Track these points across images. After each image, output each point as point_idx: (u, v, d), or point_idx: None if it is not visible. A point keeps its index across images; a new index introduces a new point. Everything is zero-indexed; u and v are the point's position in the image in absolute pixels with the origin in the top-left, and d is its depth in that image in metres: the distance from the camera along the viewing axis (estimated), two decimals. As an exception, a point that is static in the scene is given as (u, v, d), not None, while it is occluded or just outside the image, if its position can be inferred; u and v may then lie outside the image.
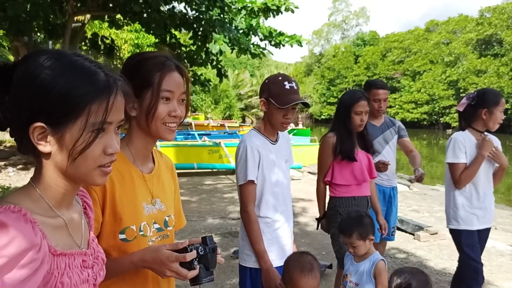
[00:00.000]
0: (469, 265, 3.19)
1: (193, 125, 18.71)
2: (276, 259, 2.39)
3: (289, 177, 2.56)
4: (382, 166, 3.55)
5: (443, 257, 5.12)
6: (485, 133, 3.26)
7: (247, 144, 2.35)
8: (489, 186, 3.31)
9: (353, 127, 3.13)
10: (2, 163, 11.45)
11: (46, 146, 0.93)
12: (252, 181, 2.33)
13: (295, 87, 2.34)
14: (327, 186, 3.23)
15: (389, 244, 4.66)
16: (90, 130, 0.93)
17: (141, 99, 1.38)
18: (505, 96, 38.03)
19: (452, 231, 3.33)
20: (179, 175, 10.87)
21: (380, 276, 2.42)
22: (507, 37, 38.60)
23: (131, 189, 1.39)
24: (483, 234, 3.32)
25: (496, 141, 3.27)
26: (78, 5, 11.22)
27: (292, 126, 20.97)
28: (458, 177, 3.19)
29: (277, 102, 2.31)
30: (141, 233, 1.38)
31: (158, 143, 10.75)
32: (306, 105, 2.43)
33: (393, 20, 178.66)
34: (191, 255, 1.28)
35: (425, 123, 44.90)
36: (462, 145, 3.19)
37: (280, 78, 2.38)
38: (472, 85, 40.37)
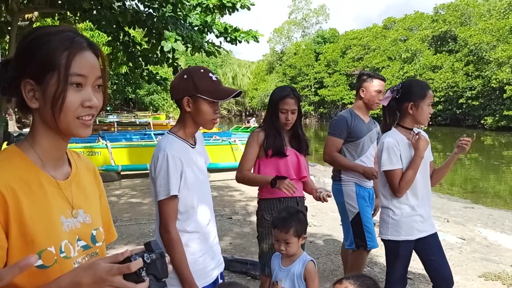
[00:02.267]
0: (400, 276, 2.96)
1: (151, 124, 18.34)
2: (215, 270, 2.21)
3: (208, 179, 2.35)
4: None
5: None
6: (415, 129, 2.98)
7: (167, 152, 2.06)
8: (427, 188, 3.00)
9: (280, 125, 3.01)
10: None
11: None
12: (175, 196, 2.05)
13: (217, 79, 2.17)
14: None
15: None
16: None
17: (45, 86, 1.07)
18: (460, 90, 39.37)
19: (388, 242, 2.95)
20: (133, 176, 10.68)
21: (311, 278, 2.31)
22: (461, 33, 39.85)
23: (43, 201, 1.10)
24: (428, 241, 2.94)
25: (425, 136, 3.00)
26: (24, 2, 10.74)
27: (254, 122, 20.95)
28: (397, 185, 2.84)
29: (212, 96, 2.07)
30: (62, 255, 1.10)
31: (109, 144, 10.44)
32: (239, 95, 2.20)
33: (352, 18, 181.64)
34: (136, 264, 0.98)
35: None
36: (396, 148, 2.85)
37: (202, 70, 2.14)
38: (429, 80, 41.48)
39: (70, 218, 1.15)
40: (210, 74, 2.12)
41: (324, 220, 6.70)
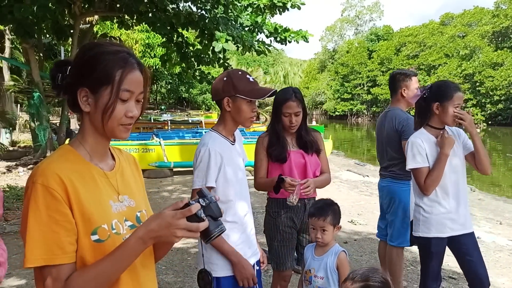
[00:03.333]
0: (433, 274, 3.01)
1: (203, 123, 18.78)
2: (252, 258, 2.38)
3: (245, 175, 2.52)
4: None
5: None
6: (446, 128, 3.00)
7: (209, 147, 2.25)
8: (459, 186, 2.98)
9: (283, 128, 3.03)
10: (14, 163, 11.68)
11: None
12: (211, 188, 2.23)
13: (254, 80, 2.34)
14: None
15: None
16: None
17: (98, 95, 1.30)
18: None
19: (420, 239, 3.04)
20: (184, 173, 11.03)
21: (343, 268, 2.42)
22: (524, 28, 37.92)
23: (94, 188, 1.32)
24: (464, 240, 2.96)
25: (458, 132, 3.04)
26: (86, 6, 11.36)
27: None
28: (423, 183, 2.91)
29: (249, 96, 2.27)
30: (114, 231, 1.30)
31: (162, 142, 10.86)
32: (274, 94, 2.35)
33: (408, 14, 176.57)
34: (196, 206, 1.22)
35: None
36: (421, 148, 2.93)
37: (240, 73, 2.33)
38: (489, 78, 39.76)
39: (117, 203, 1.37)
40: (248, 76, 2.32)
41: (369, 219, 6.70)
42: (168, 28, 11.20)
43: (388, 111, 3.97)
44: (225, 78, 2.32)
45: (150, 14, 10.54)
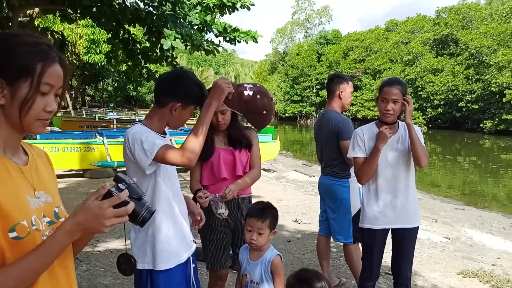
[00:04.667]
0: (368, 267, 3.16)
1: (137, 121, 18.54)
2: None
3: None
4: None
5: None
6: (400, 123, 3.10)
7: (140, 129, 2.24)
8: (406, 180, 3.06)
9: (211, 127, 2.93)
10: None
11: None
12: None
13: None
14: None
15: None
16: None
17: (16, 87, 1.23)
18: (460, 94, 39.41)
19: (360, 231, 3.23)
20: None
21: (278, 273, 2.40)
22: (462, 37, 39.92)
23: (10, 182, 1.26)
24: (405, 235, 3.07)
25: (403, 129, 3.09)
26: (26, -2, 10.86)
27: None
28: (356, 171, 3.06)
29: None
30: (34, 227, 1.25)
31: (105, 140, 10.56)
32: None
33: (356, 19, 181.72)
34: (125, 193, 1.23)
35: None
36: (360, 139, 3.06)
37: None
38: (429, 83, 41.57)
39: (34, 198, 1.31)
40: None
41: (313, 218, 6.81)
42: (114, 24, 10.87)
43: (324, 113, 4.10)
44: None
45: (94, 9, 10.20)
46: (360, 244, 3.92)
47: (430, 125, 42.92)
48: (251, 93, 2.63)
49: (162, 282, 2.25)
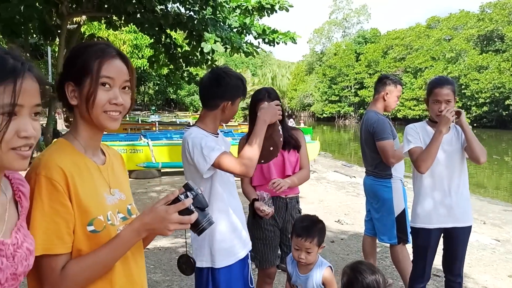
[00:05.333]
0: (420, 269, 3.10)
1: (191, 124, 18.83)
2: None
3: None
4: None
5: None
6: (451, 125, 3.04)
7: (197, 134, 2.32)
8: (459, 179, 3.01)
9: None
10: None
11: None
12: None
13: None
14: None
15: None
16: (0, 113, 0.98)
17: (81, 87, 1.35)
18: (507, 92, 37.96)
19: (411, 230, 3.15)
20: (172, 173, 11.03)
21: (329, 285, 2.41)
22: (509, 32, 38.53)
23: (90, 180, 1.37)
24: (458, 234, 3.02)
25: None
26: (73, 6, 11.30)
27: (292, 123, 21.14)
28: (415, 160, 2.92)
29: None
30: (109, 222, 1.35)
31: (150, 142, 10.84)
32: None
33: (395, 17, 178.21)
34: (189, 200, 1.32)
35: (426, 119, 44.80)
36: (413, 131, 3.02)
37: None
38: (474, 81, 40.30)
39: (109, 196, 1.42)
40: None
41: (356, 219, 6.78)
42: (156, 29, 11.18)
43: (365, 113, 4.12)
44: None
45: (138, 15, 10.51)
46: (405, 245, 3.90)
47: (475, 124, 41.57)
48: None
49: (223, 278, 2.34)
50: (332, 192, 9.32)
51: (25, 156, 1.09)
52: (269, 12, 12.63)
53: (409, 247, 3.43)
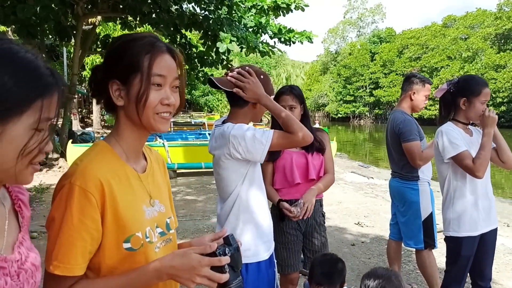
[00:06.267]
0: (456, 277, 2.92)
1: (206, 124, 18.76)
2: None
3: None
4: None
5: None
6: (470, 127, 2.95)
7: (234, 128, 2.17)
8: (489, 183, 2.92)
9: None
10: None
11: None
12: None
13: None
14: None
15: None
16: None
17: (129, 85, 1.21)
18: (525, 91, 37.28)
19: (450, 239, 2.91)
20: (189, 174, 10.97)
21: None
22: (527, 31, 37.85)
23: (130, 191, 1.23)
24: (490, 237, 2.91)
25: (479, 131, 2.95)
26: (89, 7, 11.33)
27: (315, 124, 20.97)
28: (472, 164, 2.69)
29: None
30: (147, 239, 1.23)
31: (166, 143, 10.80)
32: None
33: (410, 17, 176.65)
34: (226, 259, 1.17)
35: (442, 120, 44.19)
36: (455, 133, 2.81)
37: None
38: (491, 80, 39.62)
39: (149, 207, 1.28)
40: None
41: (376, 221, 6.62)
42: (172, 29, 11.15)
43: (391, 113, 3.95)
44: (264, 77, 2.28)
45: (153, 15, 10.48)
46: (432, 250, 3.75)
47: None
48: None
49: (250, 275, 2.23)
50: (350, 194, 9.15)
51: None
52: (284, 11, 12.53)
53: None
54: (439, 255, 4.77)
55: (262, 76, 2.25)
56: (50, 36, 12.29)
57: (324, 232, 3.11)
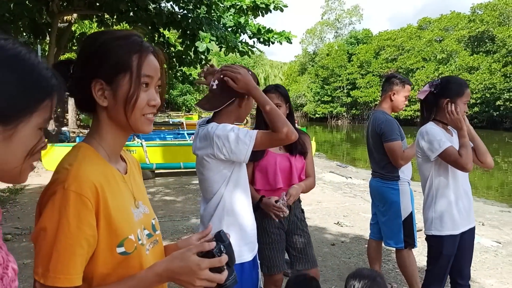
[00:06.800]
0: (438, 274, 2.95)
1: (184, 124, 18.62)
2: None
3: None
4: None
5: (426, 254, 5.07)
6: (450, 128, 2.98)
7: (218, 128, 2.15)
8: (468, 181, 2.98)
9: (266, 126, 2.99)
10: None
11: None
12: None
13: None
14: None
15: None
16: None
17: (116, 86, 1.16)
18: (497, 92, 38.22)
19: (431, 238, 2.94)
20: (167, 174, 10.87)
21: None
22: (499, 33, 38.73)
23: (119, 193, 1.20)
24: (469, 236, 2.95)
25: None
26: (64, 4, 11.10)
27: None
28: (460, 158, 2.70)
29: None
30: (140, 242, 1.20)
31: (144, 143, 10.67)
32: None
33: (386, 18, 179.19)
34: (225, 258, 1.15)
35: (417, 120, 44.83)
36: (439, 131, 2.84)
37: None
38: (465, 82, 40.47)
39: (136, 209, 1.25)
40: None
41: (355, 221, 6.68)
42: (150, 27, 11.01)
43: (372, 113, 4.00)
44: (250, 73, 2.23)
45: (131, 13, 10.34)
46: (412, 249, 3.79)
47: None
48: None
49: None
50: (329, 193, 9.21)
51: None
52: (263, 11, 12.52)
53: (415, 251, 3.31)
54: (418, 254, 4.82)
55: (249, 72, 2.23)
56: (25, 34, 11.99)
57: (306, 228, 3.12)
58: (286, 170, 2.95)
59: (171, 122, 21.57)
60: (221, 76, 2.20)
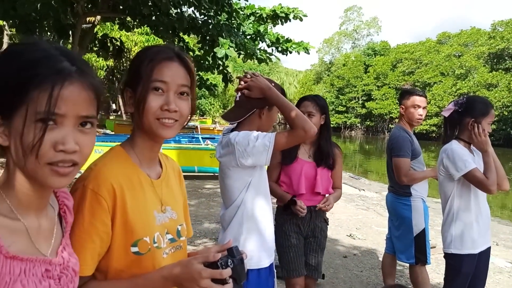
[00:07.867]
0: None
1: (198, 128, 18.74)
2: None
3: None
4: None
5: (439, 272, 5.04)
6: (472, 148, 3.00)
7: (239, 135, 2.19)
8: (484, 198, 3.00)
9: None
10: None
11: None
12: None
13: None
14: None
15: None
16: (34, 121, 0.85)
17: (136, 93, 1.25)
18: (516, 111, 37.77)
19: (450, 256, 2.93)
20: (181, 178, 11.00)
21: None
22: (520, 51, 38.40)
23: (141, 196, 1.26)
24: (485, 255, 2.96)
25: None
26: (89, 6, 11.29)
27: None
28: (486, 179, 2.73)
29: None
30: (155, 245, 1.25)
31: (160, 145, 10.77)
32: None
33: (405, 31, 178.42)
34: (227, 272, 1.16)
35: (433, 135, 44.58)
36: (464, 151, 2.85)
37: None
38: (482, 98, 40.11)
39: (160, 213, 1.30)
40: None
41: (368, 234, 6.66)
42: (170, 32, 11.15)
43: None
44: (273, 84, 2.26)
45: (153, 18, 10.48)
46: (425, 266, 3.79)
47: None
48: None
49: (250, 282, 2.22)
50: (341, 205, 9.19)
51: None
52: (283, 20, 12.60)
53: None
54: (431, 271, 4.81)
55: (273, 84, 2.27)
56: (49, 33, 12.21)
57: (323, 238, 3.17)
58: (311, 179, 3.02)
59: (185, 126, 21.74)
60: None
